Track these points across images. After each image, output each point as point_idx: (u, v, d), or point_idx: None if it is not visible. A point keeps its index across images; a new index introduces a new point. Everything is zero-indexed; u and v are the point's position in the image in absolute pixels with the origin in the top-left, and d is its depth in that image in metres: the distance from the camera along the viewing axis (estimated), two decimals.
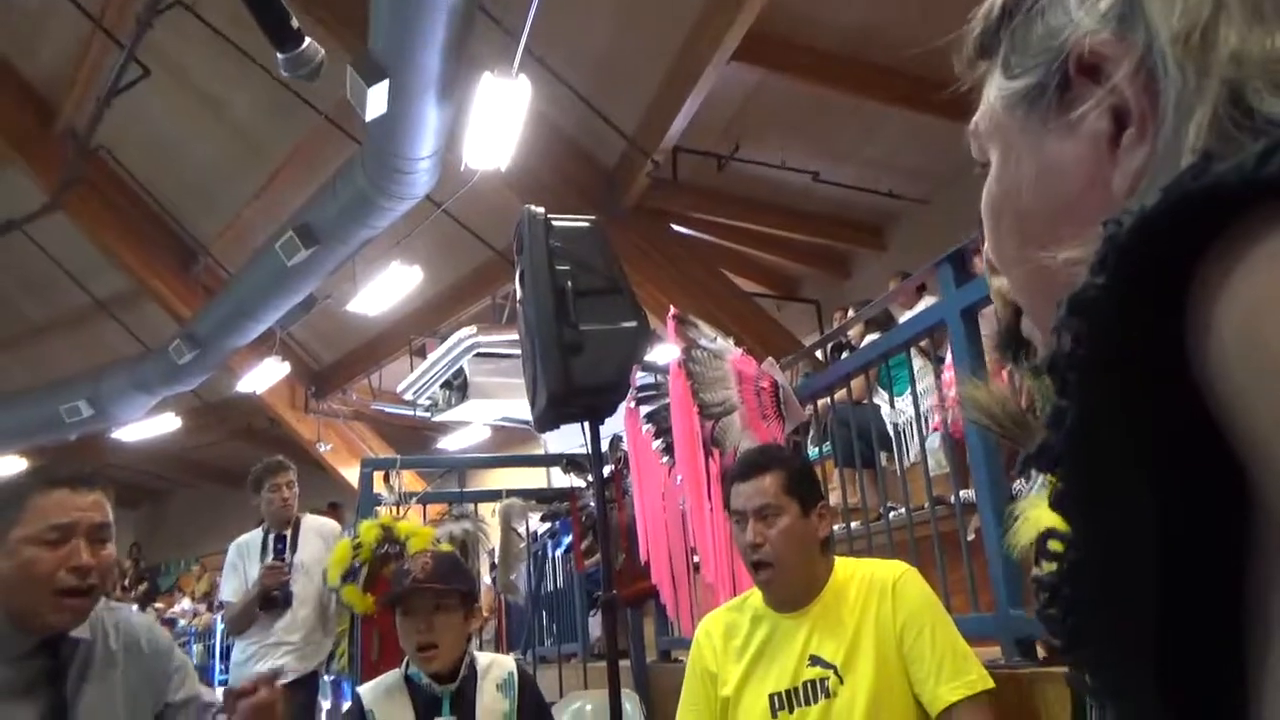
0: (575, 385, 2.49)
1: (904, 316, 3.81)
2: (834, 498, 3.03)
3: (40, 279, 10.58)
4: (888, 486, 3.17)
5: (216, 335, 8.43)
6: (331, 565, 3.23)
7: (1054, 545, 0.34)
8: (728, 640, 1.74)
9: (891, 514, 2.89)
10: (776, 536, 1.65)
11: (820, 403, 2.96)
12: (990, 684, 1.59)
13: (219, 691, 5.21)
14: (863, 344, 3.96)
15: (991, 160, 0.47)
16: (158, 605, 11.91)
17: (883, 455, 3.19)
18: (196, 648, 10.46)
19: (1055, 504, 0.33)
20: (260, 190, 8.59)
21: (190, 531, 13.74)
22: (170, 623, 10.75)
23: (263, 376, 9.38)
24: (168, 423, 10.72)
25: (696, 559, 2.56)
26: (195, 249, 9.75)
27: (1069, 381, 0.31)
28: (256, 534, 3.70)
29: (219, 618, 9.81)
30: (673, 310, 2.44)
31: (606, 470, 2.99)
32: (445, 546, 3.14)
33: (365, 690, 2.05)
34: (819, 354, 4.13)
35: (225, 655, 8.86)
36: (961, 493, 2.32)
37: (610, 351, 2.50)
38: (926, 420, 3.30)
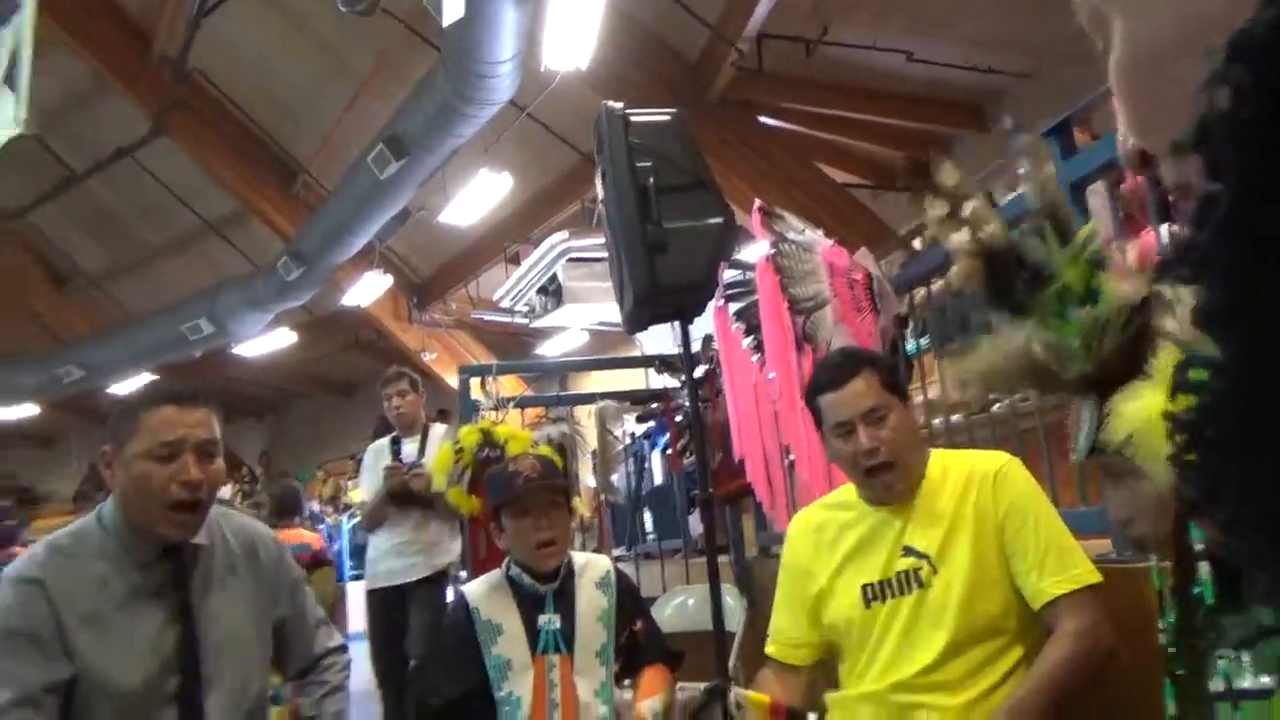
0: (661, 284, 2.45)
1: (1008, 197, 3.60)
2: (934, 391, 2.94)
3: (153, 204, 11.03)
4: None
5: (320, 251, 8.66)
6: (435, 470, 3.35)
7: (1195, 374, 0.27)
8: (819, 536, 1.72)
9: (994, 406, 2.79)
10: (891, 435, 1.60)
11: (918, 293, 2.84)
12: (1097, 578, 1.53)
13: (349, 587, 5.51)
14: None
15: (1115, 20, 0.40)
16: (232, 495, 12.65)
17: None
18: None
19: (1201, 318, 0.26)
20: (349, 105, 8.66)
21: (312, 440, 14.48)
22: (317, 517, 11.22)
23: (366, 290, 9.64)
24: (283, 337, 11.19)
25: (791, 456, 2.54)
26: (293, 167, 9.96)
27: (1223, 156, 0.24)
28: (387, 439, 3.90)
29: (345, 518, 10.39)
30: (758, 203, 2.35)
31: (699, 370, 2.98)
32: (544, 449, 3.20)
33: (470, 589, 2.13)
34: (916, 243, 3.97)
35: (355, 553, 9.41)
36: None
37: (696, 249, 2.44)
38: None
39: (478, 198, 7.75)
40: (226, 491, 13.78)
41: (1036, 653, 1.52)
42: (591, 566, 2.13)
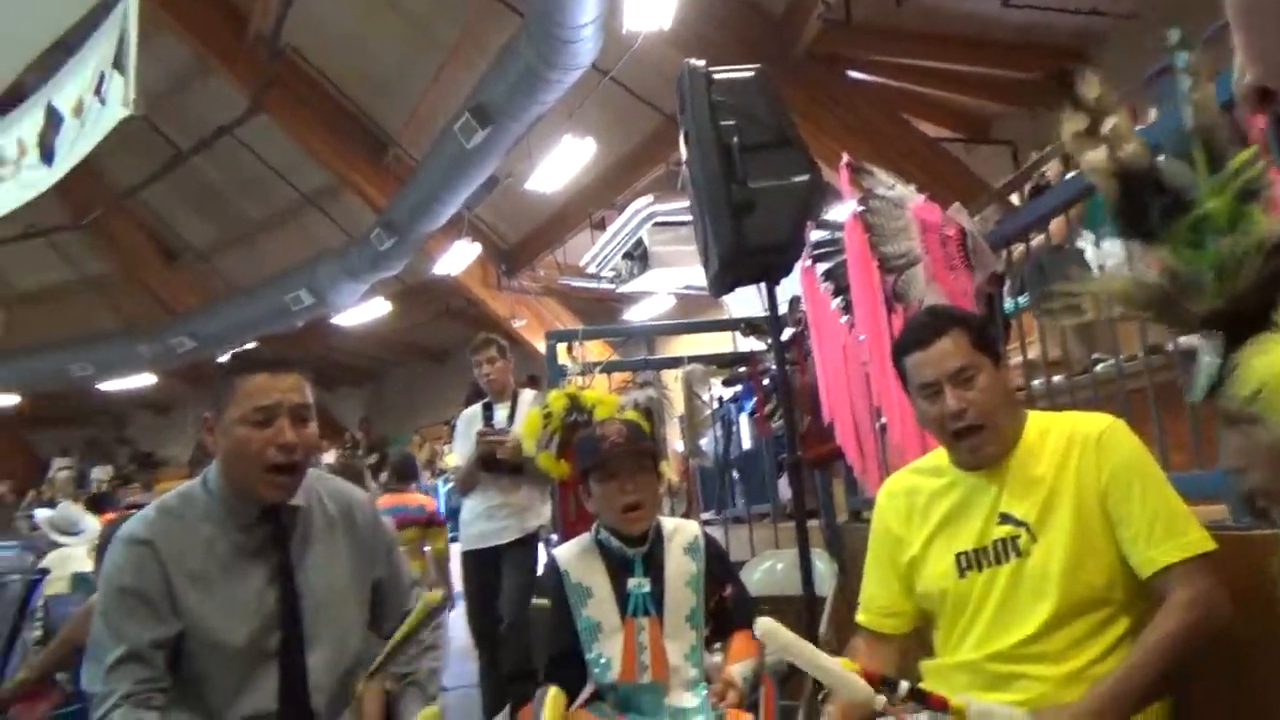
0: (747, 245, 2.41)
1: None
2: (1033, 351, 2.83)
3: (254, 179, 11.42)
4: (1094, 336, 2.92)
5: (410, 221, 8.84)
6: (524, 435, 3.38)
7: None
8: (911, 502, 1.67)
9: (1098, 366, 2.66)
10: (980, 397, 1.53)
11: (1015, 249, 2.72)
12: (1211, 545, 1.45)
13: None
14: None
15: None
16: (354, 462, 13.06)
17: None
18: None
19: None
20: (436, 76, 8.76)
21: (409, 406, 14.88)
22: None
23: (456, 258, 9.81)
24: (378, 307, 11.50)
25: (882, 419, 2.48)
26: (383, 139, 10.16)
27: None
28: (479, 405, 3.96)
29: (440, 482, 10.67)
30: (846, 158, 2.27)
31: (786, 332, 2.92)
32: (631, 414, 3.20)
33: (560, 552, 2.15)
34: (1013, 198, 3.80)
35: (451, 516, 9.69)
36: (1182, 339, 2.08)
37: (782, 208, 2.39)
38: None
39: (562, 164, 7.77)
40: (330, 457, 14.34)
41: (1145, 625, 1.45)
42: (680, 531, 2.13)
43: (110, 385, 13.88)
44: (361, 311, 11.40)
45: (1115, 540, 1.49)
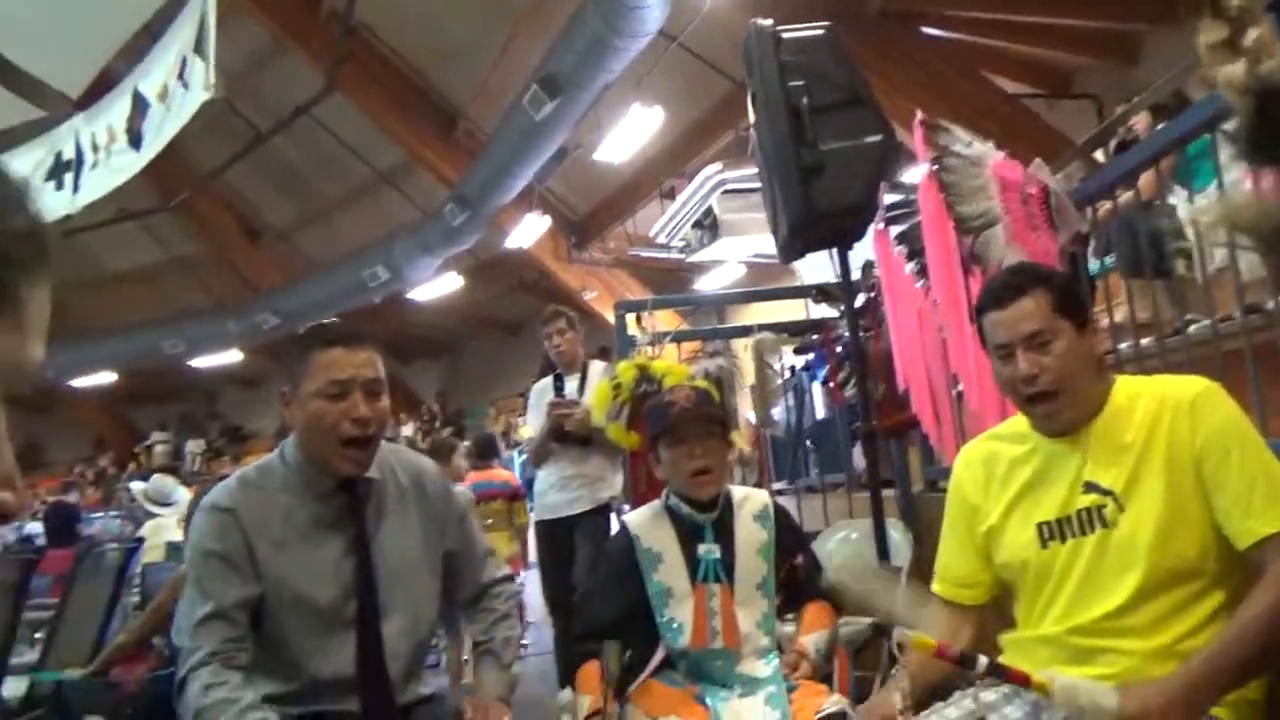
0: (817, 209, 2.36)
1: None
2: (1120, 313, 2.71)
3: (330, 158, 11.65)
4: (1186, 297, 2.78)
5: (481, 195, 8.93)
6: (594, 406, 3.38)
7: None
8: (989, 470, 1.61)
9: (1191, 327, 2.54)
10: (1055, 362, 1.46)
11: (1101, 207, 2.60)
12: None
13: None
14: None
15: None
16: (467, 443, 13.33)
17: (1180, 262, 2.77)
18: None
19: None
20: (504, 48, 8.78)
21: (484, 379, 15.10)
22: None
23: (527, 231, 9.88)
24: (452, 281, 11.67)
25: (959, 387, 2.41)
26: (453, 114, 10.25)
27: None
28: (550, 378, 3.98)
29: (516, 453, 10.83)
30: (920, 115, 2.19)
31: (859, 298, 2.86)
32: (701, 383, 3.18)
33: (631, 517, 2.15)
34: (1097, 154, 3.63)
35: (525, 487, 9.83)
36: None
37: (854, 170, 2.33)
38: None
39: (631, 133, 7.73)
40: (409, 429, 14.67)
41: (1240, 598, 1.38)
42: (750, 500, 2.11)
43: (201, 362, 14.43)
44: (436, 286, 11.59)
45: (1209, 509, 1.41)
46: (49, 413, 18.13)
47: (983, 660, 1.38)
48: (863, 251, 2.70)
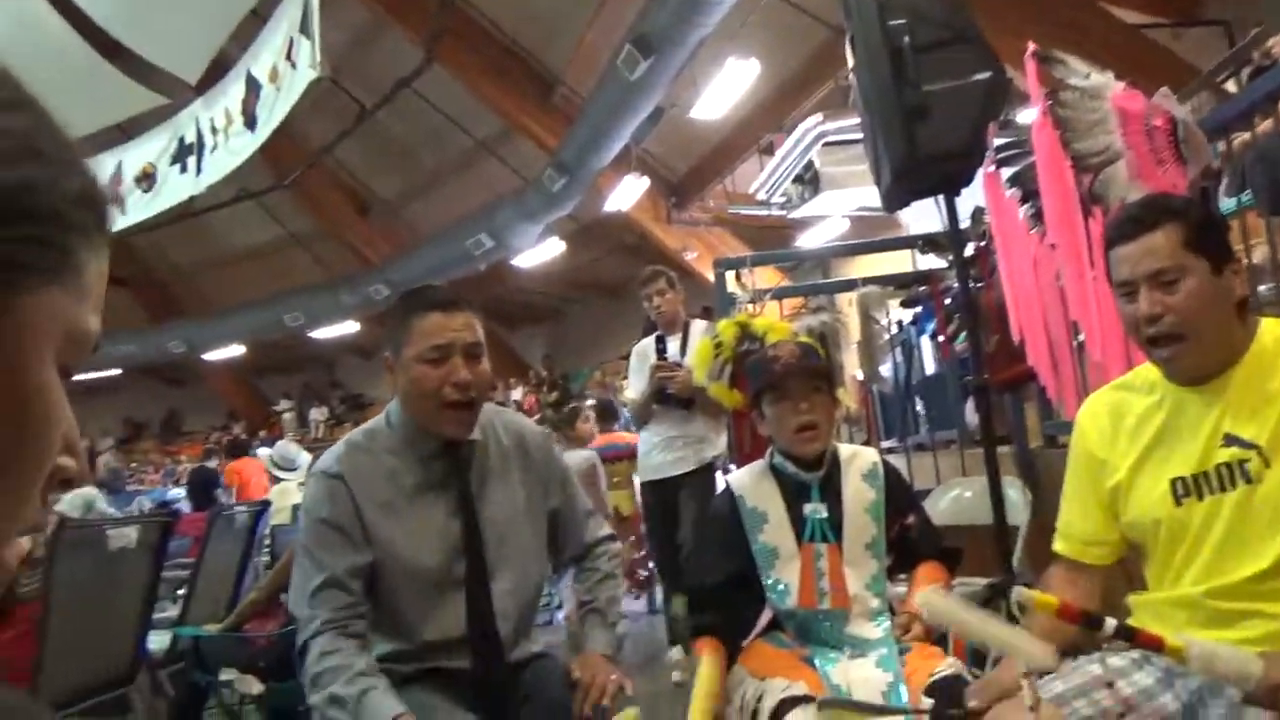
0: (922, 154, 2.25)
1: None
2: (1259, 254, 2.51)
3: (432, 130, 11.87)
4: None
5: (580, 159, 8.94)
6: (696, 366, 3.35)
7: None
8: (1116, 422, 1.51)
9: None
10: (1181, 303, 1.35)
11: (1236, 138, 2.40)
12: None
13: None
14: None
15: None
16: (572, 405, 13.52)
17: None
18: None
19: None
20: (598, 9, 8.72)
21: (588, 342, 15.25)
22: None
23: (625, 193, 9.86)
24: (554, 247, 11.78)
25: (1080, 336, 2.27)
26: (550, 80, 10.26)
27: None
28: (651, 339, 3.97)
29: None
30: (1032, 47, 2.05)
31: (968, 247, 2.73)
32: (804, 339, 3.11)
33: (734, 478, 2.12)
34: (1229, 84, 3.35)
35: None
36: None
37: (960, 111, 2.20)
38: None
39: (726, 88, 7.59)
40: (518, 393, 14.97)
41: None
42: (858, 458, 2.05)
43: (320, 333, 15.03)
44: (538, 252, 11.71)
45: None
46: (186, 385, 19.28)
47: (1110, 622, 1.31)
48: (972, 197, 2.57)
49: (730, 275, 3.76)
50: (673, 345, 3.88)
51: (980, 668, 1.99)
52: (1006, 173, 2.27)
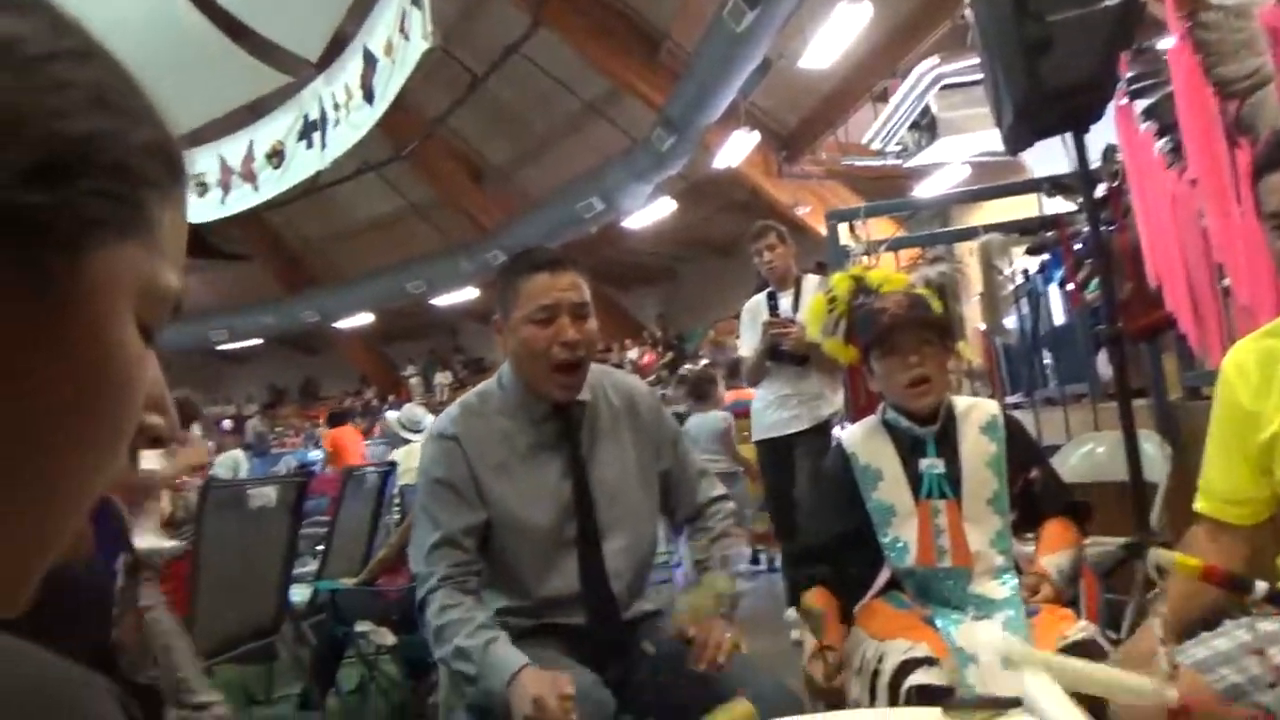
0: (1046, 89, 2.11)
1: None
2: None
3: (541, 94, 11.95)
4: None
5: (688, 116, 8.84)
6: (809, 321, 3.28)
7: None
8: (1267, 371, 1.39)
9: None
10: None
11: None
12: None
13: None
14: None
15: None
16: (687, 368, 13.53)
17: None
18: None
19: None
20: None
21: (700, 301, 15.19)
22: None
23: (735, 149, 9.70)
24: (664, 206, 11.73)
25: (1225, 280, 2.11)
26: (655, 36, 10.15)
27: None
28: (763, 295, 3.91)
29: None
30: None
31: (1099, 188, 2.57)
32: (922, 291, 3.00)
33: (846, 435, 2.07)
34: None
35: None
36: None
37: (1087, 40, 2.05)
38: None
39: (836, 35, 7.32)
40: (634, 353, 15.08)
41: None
42: (976, 410, 1.97)
43: (441, 300, 15.48)
44: (649, 212, 11.69)
45: None
46: (320, 353, 20.25)
47: (1261, 585, 1.22)
48: (1102, 134, 2.40)
49: (843, 227, 3.65)
50: (785, 301, 3.81)
51: (1116, 631, 1.90)
52: (1140, 105, 2.11)
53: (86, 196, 0.38)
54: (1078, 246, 2.84)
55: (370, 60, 11.36)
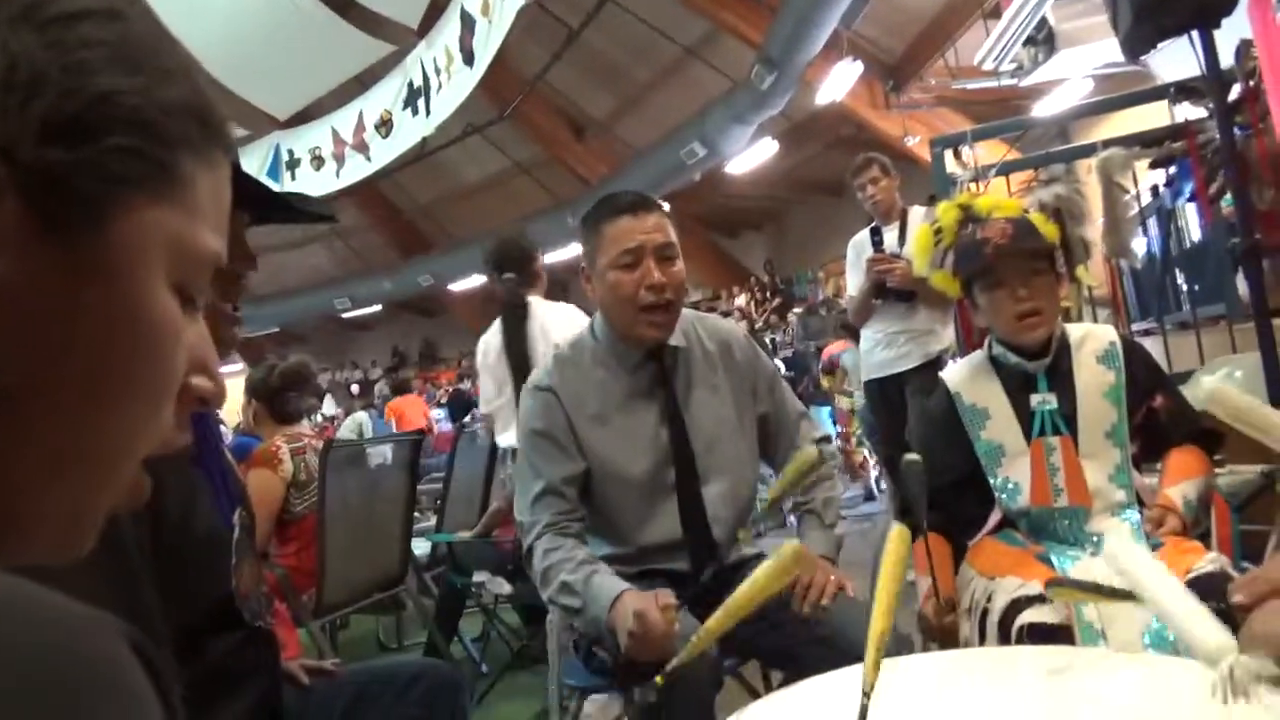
0: None
1: None
2: None
3: (638, 42, 11.81)
4: None
5: (788, 51, 8.56)
6: (916, 254, 3.15)
7: None
8: None
9: None
10: None
11: None
12: None
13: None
14: None
15: None
16: (796, 311, 13.32)
17: None
18: None
19: None
20: None
21: (810, 243, 14.88)
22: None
23: (838, 82, 9.36)
24: (767, 148, 11.46)
25: None
26: None
27: None
28: (867, 231, 3.78)
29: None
30: None
31: (1233, 90, 2.35)
32: (1035, 216, 2.84)
33: (949, 374, 1.99)
34: None
35: None
36: None
37: None
38: None
39: None
40: (742, 300, 14.94)
41: None
42: (1091, 338, 1.85)
43: (551, 257, 15.63)
44: (751, 155, 11.45)
45: None
46: (437, 316, 20.87)
47: None
48: (1234, 29, 2.19)
49: (949, 154, 3.47)
50: (890, 236, 3.67)
51: (1251, 563, 1.77)
52: None
53: (110, 154, 0.38)
54: (1209, 155, 2.62)
55: (468, 21, 11.45)
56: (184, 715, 0.37)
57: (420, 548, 3.65)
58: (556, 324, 3.01)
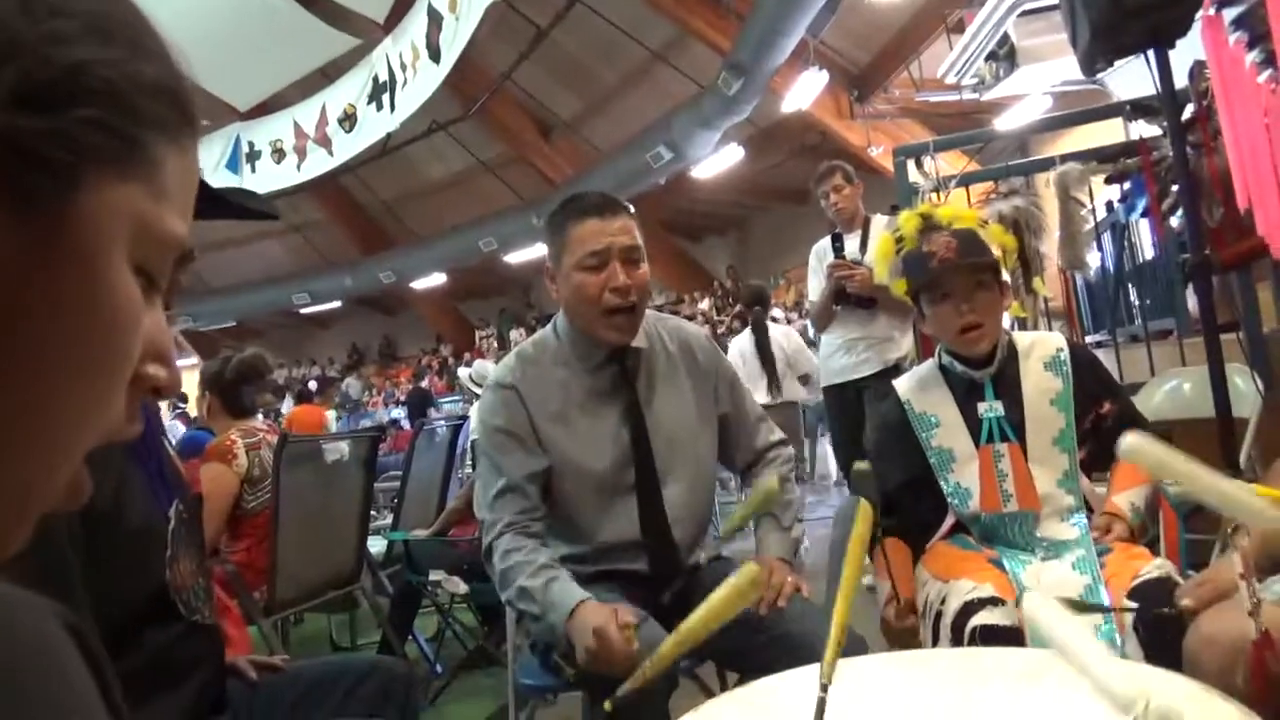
0: (1125, 3, 1.98)
1: None
2: None
3: (606, 44, 11.82)
4: None
5: (755, 58, 8.63)
6: (877, 262, 3.18)
7: None
8: None
9: None
10: None
11: None
12: None
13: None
14: None
15: None
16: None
17: None
18: None
19: None
20: None
21: (772, 250, 14.99)
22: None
23: (804, 91, 9.45)
24: (732, 154, 11.54)
25: None
26: None
27: None
28: (828, 238, 3.80)
29: (808, 321, 10.75)
30: None
31: (1186, 109, 2.41)
32: (993, 228, 2.88)
33: (901, 382, 2.01)
34: None
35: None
36: None
37: None
38: None
39: None
40: (705, 304, 15.00)
41: None
42: (1040, 345, 1.88)
43: (513, 257, 15.58)
44: (717, 160, 11.52)
45: None
46: (397, 313, 20.68)
47: None
48: (1189, 50, 2.25)
49: (911, 164, 3.52)
50: (851, 243, 3.71)
51: (1197, 570, 1.82)
52: (1231, 14, 1.96)
53: (81, 126, 0.37)
54: (1162, 172, 2.68)
55: (435, 18, 11.38)
56: (122, 700, 0.37)
57: (376, 546, 3.61)
58: None
